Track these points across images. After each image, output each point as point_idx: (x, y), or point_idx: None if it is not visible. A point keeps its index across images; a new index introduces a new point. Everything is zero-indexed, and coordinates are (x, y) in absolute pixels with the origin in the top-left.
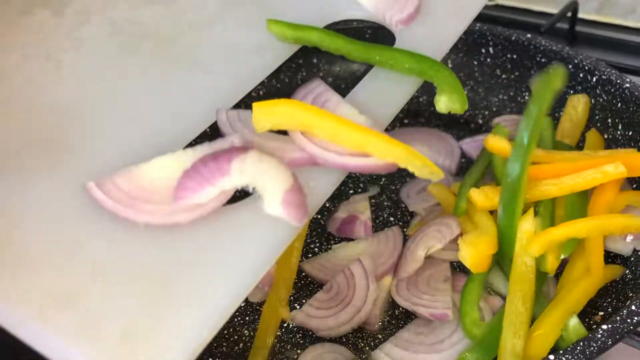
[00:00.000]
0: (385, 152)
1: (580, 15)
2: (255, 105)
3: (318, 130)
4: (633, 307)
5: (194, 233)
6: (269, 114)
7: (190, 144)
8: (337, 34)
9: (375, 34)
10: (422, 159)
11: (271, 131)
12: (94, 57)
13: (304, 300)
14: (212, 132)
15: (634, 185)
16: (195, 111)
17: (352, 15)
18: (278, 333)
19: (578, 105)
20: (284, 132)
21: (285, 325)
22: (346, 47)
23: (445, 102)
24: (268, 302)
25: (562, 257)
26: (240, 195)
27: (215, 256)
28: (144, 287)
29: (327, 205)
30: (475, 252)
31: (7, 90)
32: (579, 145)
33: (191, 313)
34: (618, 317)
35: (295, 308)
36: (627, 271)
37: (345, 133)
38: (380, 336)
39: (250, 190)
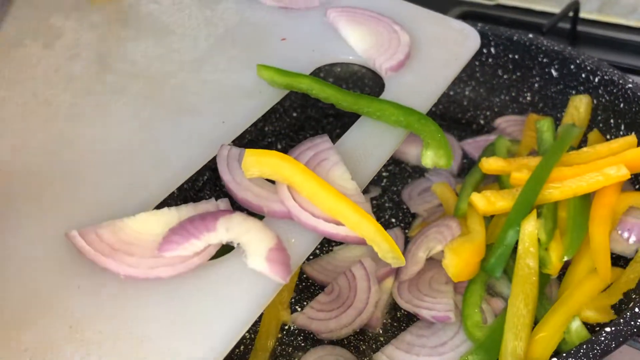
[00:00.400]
0: (355, 226)
1: (582, 14)
2: (247, 151)
3: (299, 188)
4: (637, 310)
5: (175, 288)
6: (259, 163)
7: (169, 204)
8: (326, 83)
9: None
10: (389, 241)
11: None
12: (82, 95)
13: (305, 303)
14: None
15: (637, 186)
16: (182, 155)
17: (343, 59)
18: (279, 335)
19: (580, 106)
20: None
21: (286, 327)
22: (335, 96)
23: (432, 157)
24: (269, 305)
25: (566, 259)
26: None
27: (197, 312)
28: (122, 347)
29: None
30: (458, 261)
31: None
32: (581, 146)
33: None
34: (622, 320)
35: (297, 310)
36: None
37: (322, 197)
38: (382, 338)
39: (235, 245)
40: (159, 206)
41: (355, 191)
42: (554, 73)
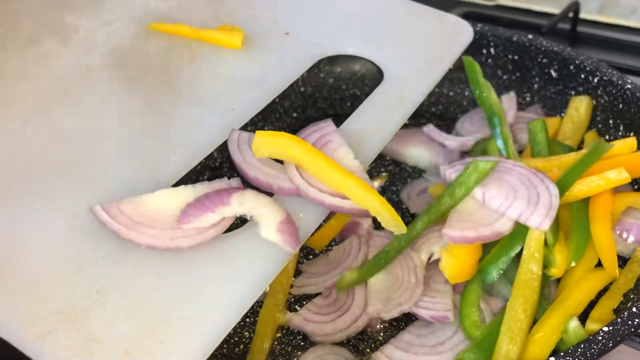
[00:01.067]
0: (360, 199)
1: (582, 15)
2: (257, 133)
3: (307, 165)
4: (634, 309)
5: (193, 258)
6: (268, 144)
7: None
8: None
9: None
10: (392, 212)
11: (270, 159)
12: (99, 88)
13: (304, 302)
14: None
15: (636, 187)
16: (195, 140)
17: (343, 52)
18: (278, 335)
19: (580, 107)
20: (281, 161)
21: (286, 327)
22: None
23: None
24: (265, 307)
25: (573, 264)
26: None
27: (213, 280)
28: (144, 312)
29: None
30: (455, 263)
31: (17, 116)
32: (581, 147)
33: (190, 335)
34: (619, 319)
35: (296, 310)
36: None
37: (329, 173)
38: (380, 338)
39: (248, 218)
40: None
41: (359, 168)
42: (554, 74)
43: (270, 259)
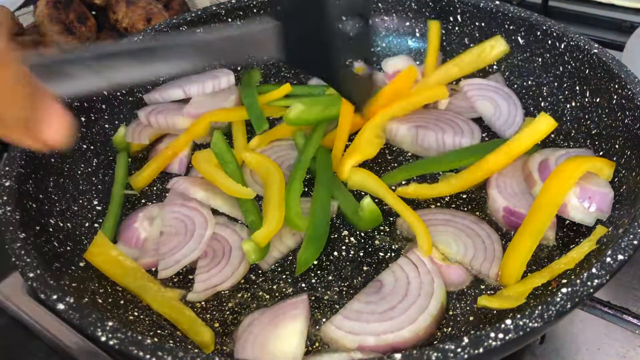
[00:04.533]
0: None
1: None
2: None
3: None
4: (594, 270)
5: None
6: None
7: None
8: None
9: None
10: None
11: None
12: None
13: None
14: None
15: (601, 153)
16: None
17: None
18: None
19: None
20: None
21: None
22: None
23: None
24: None
25: None
26: None
27: None
28: None
29: None
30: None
31: None
32: None
33: None
34: (578, 280)
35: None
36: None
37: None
38: (337, 306)
39: None
40: None
41: None
42: (521, 40)
43: None
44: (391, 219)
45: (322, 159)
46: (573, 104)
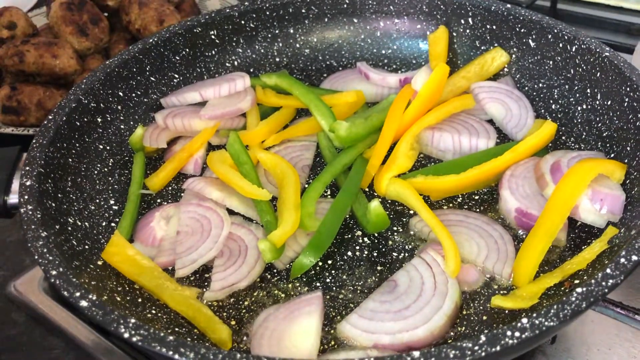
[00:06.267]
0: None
1: None
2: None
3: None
4: (608, 270)
5: None
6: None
7: None
8: None
9: None
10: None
11: None
12: None
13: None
14: None
15: (612, 155)
16: None
17: None
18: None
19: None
20: None
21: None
22: None
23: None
24: None
25: None
26: None
27: None
28: None
29: None
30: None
31: None
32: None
33: None
34: (593, 281)
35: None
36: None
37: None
38: (351, 305)
39: None
40: None
41: None
42: (532, 43)
43: None
44: (404, 219)
45: (357, 169)
46: (584, 106)
